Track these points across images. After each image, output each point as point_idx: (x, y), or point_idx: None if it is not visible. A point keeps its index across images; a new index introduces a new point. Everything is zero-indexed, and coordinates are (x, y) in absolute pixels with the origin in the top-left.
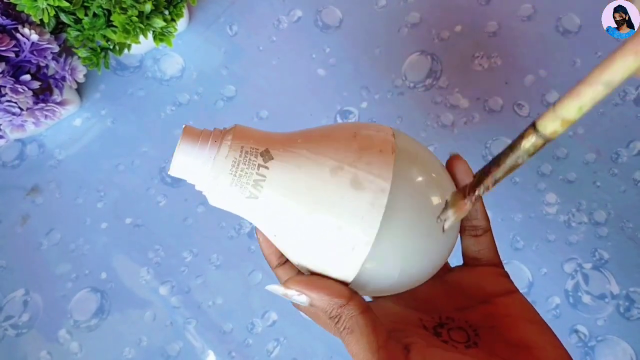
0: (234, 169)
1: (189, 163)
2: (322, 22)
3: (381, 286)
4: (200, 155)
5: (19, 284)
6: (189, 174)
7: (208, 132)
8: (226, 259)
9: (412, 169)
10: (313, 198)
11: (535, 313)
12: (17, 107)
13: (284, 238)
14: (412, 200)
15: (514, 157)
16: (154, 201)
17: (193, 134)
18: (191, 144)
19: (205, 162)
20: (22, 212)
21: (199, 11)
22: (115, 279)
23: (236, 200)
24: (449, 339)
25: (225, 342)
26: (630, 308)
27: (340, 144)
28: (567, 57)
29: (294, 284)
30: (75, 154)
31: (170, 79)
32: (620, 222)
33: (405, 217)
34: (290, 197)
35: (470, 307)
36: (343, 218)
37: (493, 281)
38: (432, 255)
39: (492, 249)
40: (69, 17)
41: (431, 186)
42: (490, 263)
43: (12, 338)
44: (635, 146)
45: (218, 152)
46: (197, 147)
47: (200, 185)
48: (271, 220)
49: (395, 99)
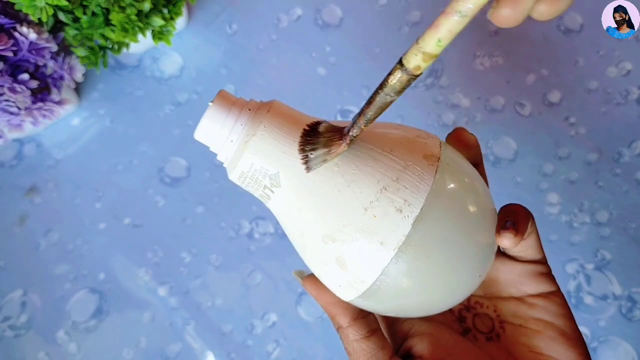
0: (241, 179)
1: (215, 130)
2: (323, 21)
3: (395, 310)
4: (227, 125)
5: (17, 285)
6: (212, 143)
7: (243, 102)
8: (225, 260)
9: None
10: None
11: (571, 324)
12: (15, 106)
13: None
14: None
15: (382, 95)
16: (153, 201)
17: (227, 100)
18: (222, 110)
19: (229, 135)
20: (20, 213)
21: (198, 10)
22: (114, 279)
23: (255, 184)
24: (473, 326)
25: (225, 343)
26: (633, 309)
27: (352, 212)
28: (568, 56)
29: (309, 286)
30: (73, 154)
31: (169, 78)
32: (623, 223)
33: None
34: (293, 220)
35: (503, 298)
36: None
37: (532, 280)
38: (452, 291)
39: (537, 247)
40: (68, 16)
41: (469, 202)
42: (533, 261)
43: (10, 339)
44: (637, 146)
45: (239, 139)
46: (227, 115)
47: (222, 156)
48: (281, 220)
49: None
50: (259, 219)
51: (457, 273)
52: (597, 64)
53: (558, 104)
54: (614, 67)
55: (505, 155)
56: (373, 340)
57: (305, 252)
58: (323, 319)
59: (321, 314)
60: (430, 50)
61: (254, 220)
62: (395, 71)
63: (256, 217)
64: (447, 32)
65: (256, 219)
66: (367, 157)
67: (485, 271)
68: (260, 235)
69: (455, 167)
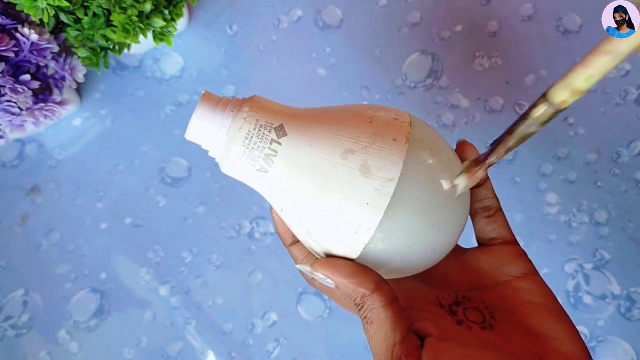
0: (247, 141)
1: (204, 128)
2: (323, 22)
3: (387, 268)
4: (215, 122)
5: (19, 284)
6: (203, 140)
7: (226, 100)
8: (226, 259)
9: (423, 159)
10: (321, 178)
11: (554, 300)
12: (16, 107)
13: (290, 213)
14: (421, 189)
15: (525, 126)
16: (154, 201)
17: (211, 100)
18: (208, 109)
19: (219, 130)
20: (22, 212)
21: (199, 11)
22: (115, 279)
23: (246, 172)
24: (465, 318)
25: (225, 342)
26: (631, 308)
27: (355, 127)
28: (568, 57)
29: (321, 267)
30: (74, 154)
31: (170, 78)
32: (621, 222)
33: (412, 205)
34: (299, 175)
35: (488, 287)
36: (348, 201)
37: (511, 261)
38: (439, 242)
39: (506, 226)
40: (69, 17)
41: (442, 174)
42: (506, 241)
43: (12, 338)
44: (636, 146)
45: (233, 122)
46: (214, 113)
47: (213, 152)
48: (279, 194)
49: (396, 98)
50: (259, 218)
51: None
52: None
53: None
54: None
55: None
56: (395, 307)
57: (324, 188)
58: (323, 318)
59: (321, 314)
60: (580, 86)
61: (255, 220)
62: (539, 104)
63: (257, 217)
64: (598, 70)
65: (257, 219)
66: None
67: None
68: (260, 235)
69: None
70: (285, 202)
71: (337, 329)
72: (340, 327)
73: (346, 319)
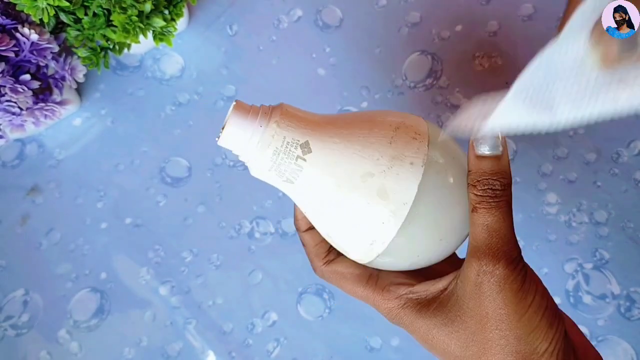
0: (275, 157)
1: (235, 138)
2: (322, 22)
3: (396, 270)
4: (246, 133)
5: (19, 284)
6: (234, 148)
7: (256, 110)
8: (226, 259)
9: (437, 182)
10: (342, 196)
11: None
12: (16, 106)
13: (313, 217)
14: (433, 209)
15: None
16: (154, 201)
17: (243, 109)
18: (239, 120)
19: (250, 140)
20: (22, 212)
21: (199, 11)
22: (115, 279)
23: (274, 181)
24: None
25: (225, 342)
26: (631, 308)
27: (376, 149)
28: None
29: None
30: (75, 154)
31: (170, 78)
32: (621, 222)
33: (424, 223)
34: (322, 190)
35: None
36: (365, 219)
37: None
38: (445, 250)
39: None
40: (69, 17)
41: (454, 191)
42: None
43: (12, 338)
44: (635, 146)
45: (262, 137)
46: (245, 124)
47: (243, 158)
48: (304, 201)
49: (396, 98)
50: (259, 218)
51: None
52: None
53: None
54: None
55: None
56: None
57: (344, 205)
58: (323, 318)
59: (321, 314)
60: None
61: (255, 219)
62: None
63: (257, 217)
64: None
65: (257, 219)
66: (380, 112)
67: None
68: (260, 234)
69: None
70: (309, 208)
71: (337, 329)
72: (340, 327)
73: (346, 319)
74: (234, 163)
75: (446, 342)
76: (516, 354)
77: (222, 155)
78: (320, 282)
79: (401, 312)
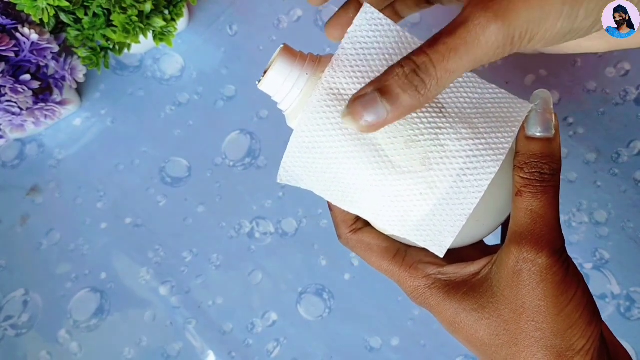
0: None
1: (278, 83)
2: (323, 22)
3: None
4: (291, 79)
5: (19, 284)
6: (275, 94)
7: (304, 56)
8: (226, 259)
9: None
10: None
11: None
12: (17, 107)
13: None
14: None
15: None
16: (154, 201)
17: (291, 54)
18: (286, 64)
19: (293, 89)
20: (22, 212)
21: (199, 11)
22: (115, 279)
23: None
24: None
25: (225, 342)
26: (631, 308)
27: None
28: (567, 57)
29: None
30: (75, 154)
31: (170, 78)
32: (621, 222)
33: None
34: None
35: None
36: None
37: None
38: (480, 231)
39: None
40: (69, 17)
41: (498, 177)
42: None
43: (12, 338)
44: (635, 146)
45: (306, 86)
46: (291, 69)
47: (282, 106)
48: None
49: None
50: (259, 218)
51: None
52: (596, 65)
53: (557, 104)
54: (612, 67)
55: None
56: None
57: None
58: (323, 318)
59: (321, 314)
60: None
61: (255, 219)
62: None
63: (257, 217)
64: None
65: (257, 219)
66: None
67: None
68: (260, 234)
69: None
70: None
71: (337, 329)
72: (340, 327)
73: (346, 319)
74: (234, 163)
75: (474, 328)
76: (551, 348)
77: (222, 155)
78: (320, 282)
79: (427, 291)
